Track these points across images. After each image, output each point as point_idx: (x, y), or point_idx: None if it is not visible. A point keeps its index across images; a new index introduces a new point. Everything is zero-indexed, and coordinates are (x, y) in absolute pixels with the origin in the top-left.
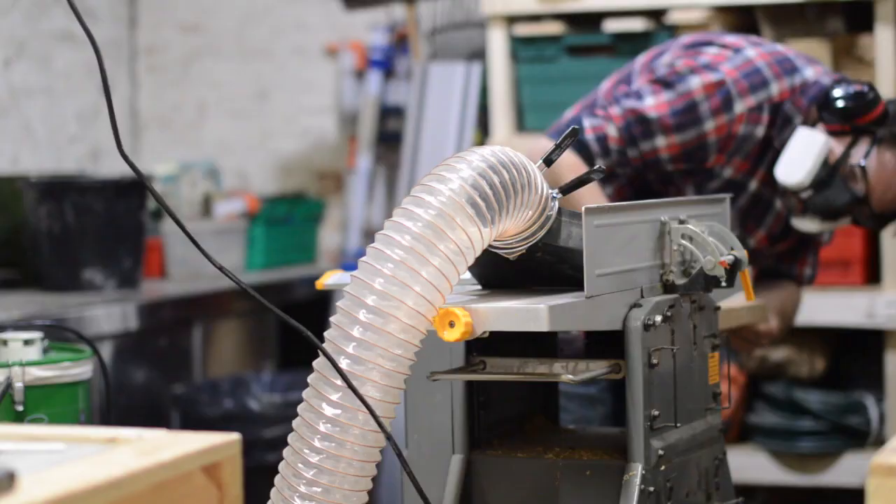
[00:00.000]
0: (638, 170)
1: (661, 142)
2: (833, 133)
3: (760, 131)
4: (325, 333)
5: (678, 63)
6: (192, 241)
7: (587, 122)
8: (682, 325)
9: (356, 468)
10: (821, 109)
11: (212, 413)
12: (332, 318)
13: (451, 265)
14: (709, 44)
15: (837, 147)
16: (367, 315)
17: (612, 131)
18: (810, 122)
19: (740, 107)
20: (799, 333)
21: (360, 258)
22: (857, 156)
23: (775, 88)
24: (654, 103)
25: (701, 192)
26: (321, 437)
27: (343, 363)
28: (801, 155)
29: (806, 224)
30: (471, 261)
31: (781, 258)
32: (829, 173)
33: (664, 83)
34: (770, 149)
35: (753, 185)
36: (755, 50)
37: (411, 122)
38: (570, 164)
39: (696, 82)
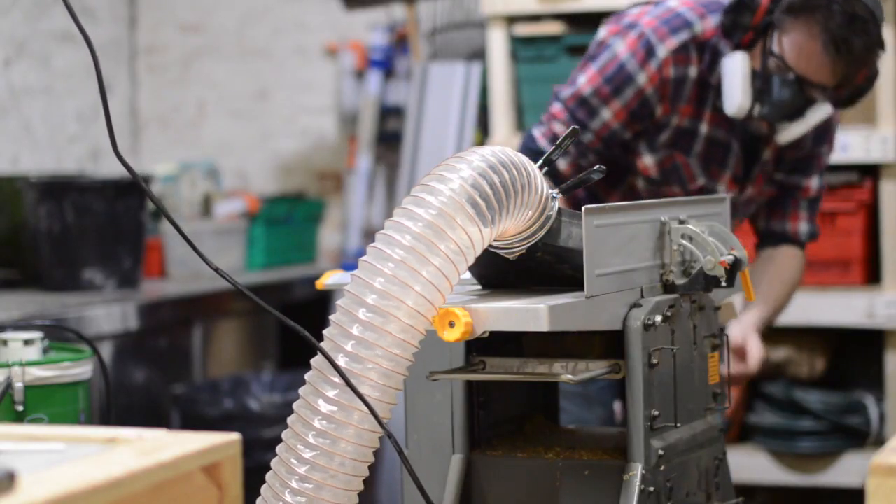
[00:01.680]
0: (600, 151)
1: (606, 114)
2: (749, 45)
3: (693, 72)
4: (325, 332)
5: (603, 34)
6: (188, 241)
7: (536, 132)
8: (682, 325)
9: (349, 467)
10: (724, 33)
11: (212, 413)
12: (331, 317)
13: (451, 265)
14: (633, 6)
15: (756, 54)
16: (366, 314)
17: (558, 128)
18: (732, 49)
19: (663, 51)
20: (799, 333)
21: (361, 258)
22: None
23: (699, 27)
24: (586, 79)
25: (653, 148)
26: (316, 434)
27: (341, 361)
28: (731, 81)
29: (786, 135)
30: (471, 261)
31: (770, 216)
32: (762, 81)
33: (591, 58)
34: (709, 88)
35: (704, 128)
36: (678, 0)
37: (411, 122)
38: None
39: (619, 44)
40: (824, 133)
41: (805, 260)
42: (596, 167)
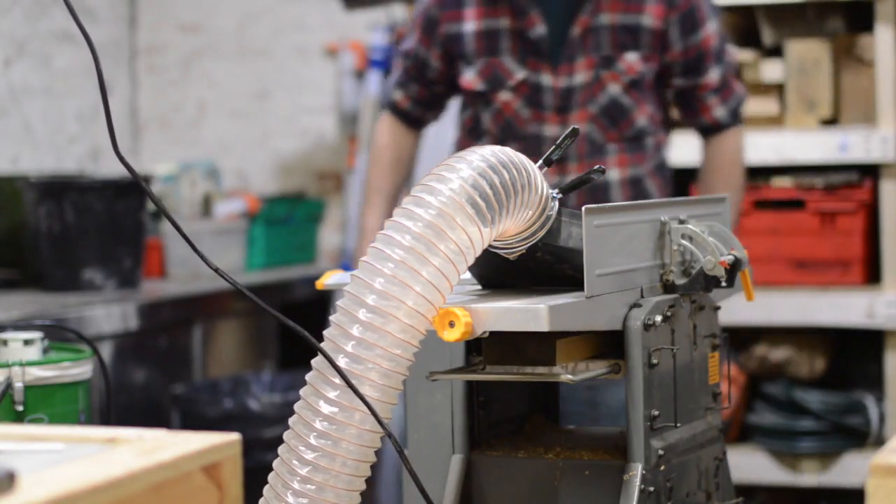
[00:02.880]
0: (427, 80)
1: (412, 37)
2: None
3: None
4: (325, 332)
5: None
6: (188, 241)
7: (396, 96)
8: (682, 325)
9: (351, 467)
10: None
11: (212, 413)
12: (331, 317)
13: (451, 265)
14: None
15: None
16: (366, 314)
17: (397, 75)
18: None
19: None
20: (799, 333)
21: (361, 258)
22: None
23: None
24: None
25: (469, 61)
26: (317, 435)
27: (342, 362)
28: None
29: None
30: (471, 261)
31: (685, 117)
32: None
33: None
34: None
35: (505, 22)
36: None
37: None
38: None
39: None
40: (688, 21)
41: (739, 136)
42: (596, 167)
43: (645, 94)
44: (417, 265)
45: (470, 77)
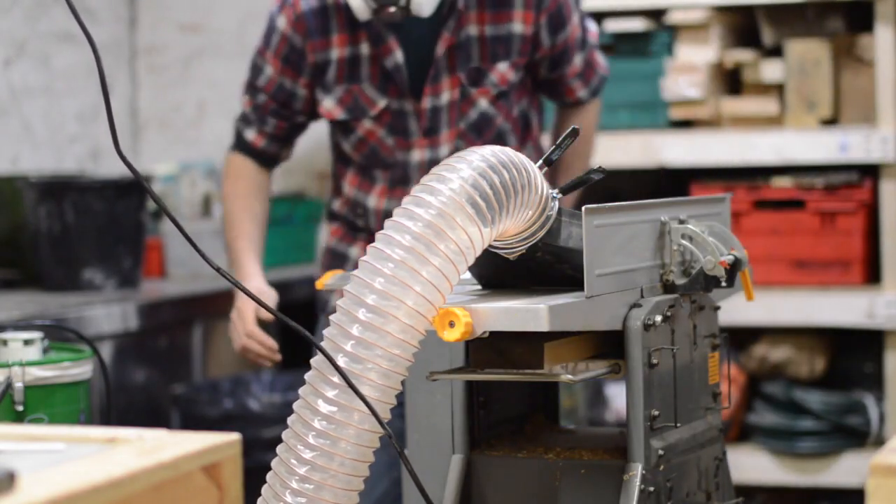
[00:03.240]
0: (282, 114)
1: (268, 69)
2: None
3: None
4: (325, 332)
5: None
6: (189, 240)
7: (248, 136)
8: (682, 325)
9: (349, 467)
10: None
11: (212, 413)
12: (331, 317)
13: (451, 265)
14: None
15: None
16: (366, 314)
17: (248, 113)
18: None
19: None
20: (799, 333)
21: (361, 258)
22: None
23: None
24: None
25: (328, 89)
26: (316, 434)
27: (341, 361)
28: None
29: (423, 5)
30: (471, 261)
31: (549, 95)
32: None
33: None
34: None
35: (365, 49)
36: None
37: None
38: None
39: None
40: (556, 20)
41: (597, 108)
42: (597, 167)
43: (510, 99)
44: (417, 265)
45: (329, 105)
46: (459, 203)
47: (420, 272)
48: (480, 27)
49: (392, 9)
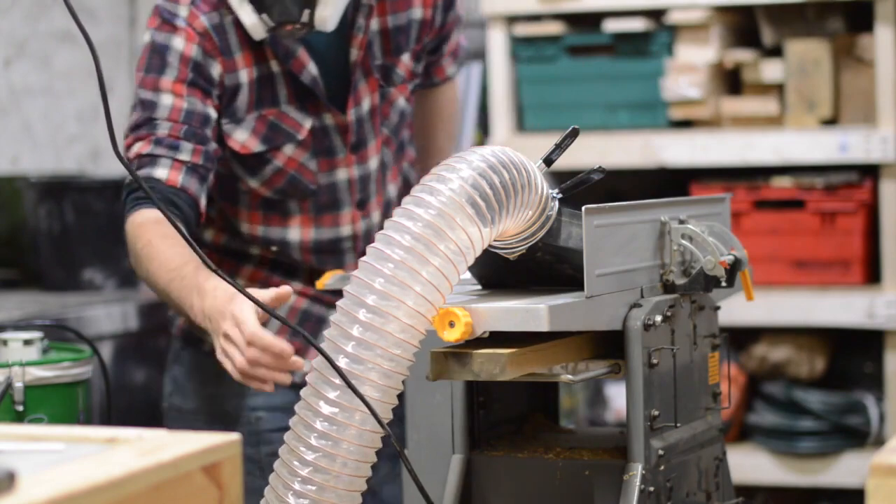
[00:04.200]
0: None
1: (166, 99)
2: None
3: (227, 17)
4: (325, 332)
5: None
6: (188, 241)
7: (159, 173)
8: (682, 325)
9: (351, 468)
10: None
11: None
12: (331, 318)
13: (451, 265)
14: None
15: None
16: (366, 315)
17: (137, 146)
18: None
19: (183, 8)
20: (799, 333)
21: (361, 258)
22: None
23: None
24: (136, 86)
25: (239, 119)
26: (318, 436)
27: (342, 362)
28: (238, 7)
29: (326, 20)
30: (471, 261)
31: (421, 77)
32: None
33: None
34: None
35: (276, 67)
36: None
37: None
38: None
39: (147, 33)
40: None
41: (457, 85)
42: (597, 167)
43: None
44: (417, 265)
45: (242, 138)
46: (459, 203)
47: (420, 272)
48: (382, 19)
49: (291, 27)
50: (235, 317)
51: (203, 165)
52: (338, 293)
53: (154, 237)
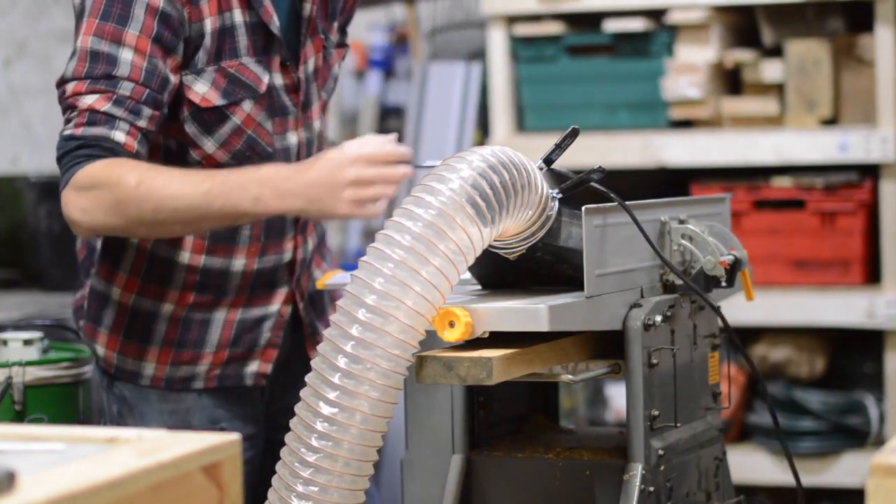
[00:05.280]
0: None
1: (126, 53)
2: None
3: None
4: (325, 332)
5: None
6: None
7: (68, 131)
8: (682, 325)
9: (354, 468)
10: None
11: None
12: (331, 317)
13: (451, 265)
14: None
15: None
16: (366, 315)
17: (89, 100)
18: None
19: None
20: (799, 333)
21: (361, 258)
22: None
23: None
24: (84, 34)
25: (201, 71)
26: (318, 437)
27: (341, 362)
28: None
29: None
30: (471, 261)
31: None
32: None
33: (80, 14)
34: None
35: (238, 16)
36: None
37: (411, 122)
38: None
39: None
40: None
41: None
42: (597, 167)
43: None
44: (417, 265)
45: (202, 89)
46: (459, 203)
47: (420, 272)
48: None
49: None
50: (362, 155)
51: (153, 132)
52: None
53: (144, 170)
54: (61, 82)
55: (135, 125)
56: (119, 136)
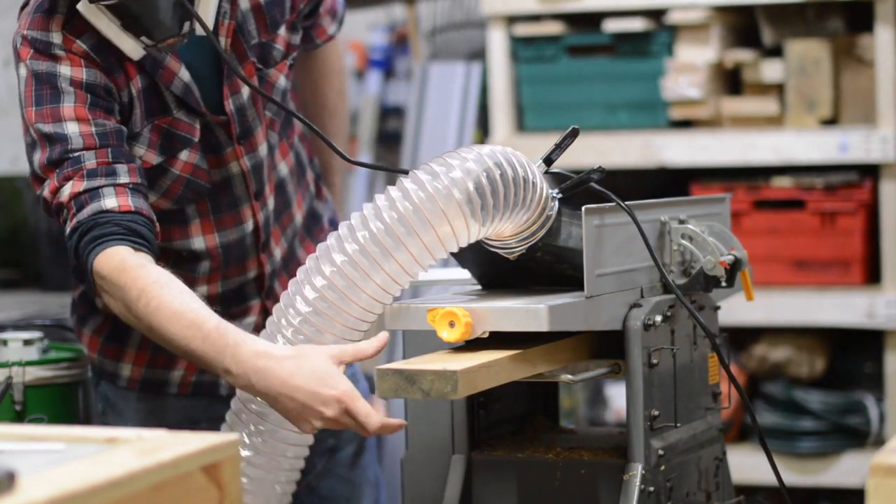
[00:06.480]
0: None
1: (72, 127)
2: None
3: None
4: (318, 245)
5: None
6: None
7: (108, 204)
8: (682, 325)
9: (357, 312)
10: None
11: None
12: (321, 246)
13: (427, 254)
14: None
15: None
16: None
17: (85, 187)
18: None
19: (56, 35)
20: (799, 333)
21: (332, 231)
22: None
23: None
24: (31, 119)
25: (136, 135)
26: (321, 288)
27: (327, 270)
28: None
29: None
30: (463, 244)
31: (301, 42)
32: (133, 9)
33: (21, 105)
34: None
35: (158, 75)
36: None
37: (411, 122)
38: None
39: (20, 68)
40: None
41: (339, 42)
42: (597, 167)
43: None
44: (391, 248)
45: (141, 152)
46: (451, 196)
47: (393, 255)
48: None
49: (173, 40)
50: (350, 410)
51: (141, 182)
52: None
53: (147, 285)
54: (35, 181)
55: (117, 184)
56: (109, 202)
